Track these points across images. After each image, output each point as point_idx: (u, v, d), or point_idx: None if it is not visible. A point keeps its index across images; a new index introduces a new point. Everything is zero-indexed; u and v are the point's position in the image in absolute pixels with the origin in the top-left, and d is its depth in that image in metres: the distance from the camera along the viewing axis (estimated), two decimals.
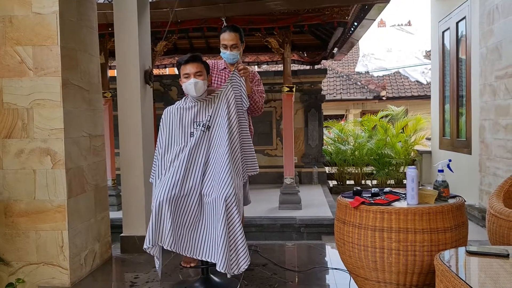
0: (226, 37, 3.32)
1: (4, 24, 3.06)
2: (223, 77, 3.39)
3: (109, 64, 8.03)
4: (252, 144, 3.10)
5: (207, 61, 3.22)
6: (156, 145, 2.96)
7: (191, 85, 2.88)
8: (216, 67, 3.43)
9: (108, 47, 7.49)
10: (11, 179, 3.10)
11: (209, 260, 2.70)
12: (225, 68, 3.43)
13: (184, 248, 2.72)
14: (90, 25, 3.54)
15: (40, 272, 3.12)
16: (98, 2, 5.91)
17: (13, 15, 3.06)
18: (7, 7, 3.06)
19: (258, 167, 3.09)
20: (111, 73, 8.15)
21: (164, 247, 2.68)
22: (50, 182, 3.09)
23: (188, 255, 2.75)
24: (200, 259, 2.77)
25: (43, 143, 3.09)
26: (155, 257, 2.80)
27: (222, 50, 3.35)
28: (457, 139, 7.05)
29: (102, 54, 7.20)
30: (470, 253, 2.03)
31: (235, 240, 2.67)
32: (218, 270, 2.61)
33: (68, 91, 3.16)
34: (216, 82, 3.40)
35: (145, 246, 2.68)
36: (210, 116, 2.92)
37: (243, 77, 3.11)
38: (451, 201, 2.52)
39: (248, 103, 3.10)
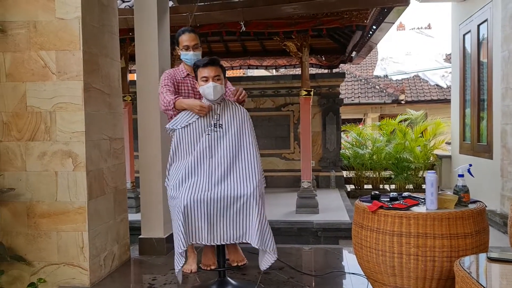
0: (187, 38, 3.20)
1: (28, 29, 3.14)
2: (189, 85, 3.24)
3: (129, 68, 8.13)
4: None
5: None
6: (171, 148, 2.97)
7: (209, 88, 2.88)
8: (178, 76, 3.26)
9: (129, 51, 7.61)
10: (33, 181, 3.17)
11: (243, 240, 2.79)
12: (188, 75, 3.29)
13: (219, 238, 2.78)
14: (111, 30, 3.60)
15: (61, 272, 3.18)
16: (119, 7, 6.00)
17: (37, 21, 3.13)
18: (32, 13, 3.13)
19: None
20: (131, 77, 8.26)
21: (204, 243, 2.77)
22: (71, 184, 3.15)
23: (224, 243, 2.82)
24: (235, 242, 2.84)
25: (65, 146, 3.15)
26: (182, 258, 2.78)
27: (183, 52, 3.21)
28: (477, 143, 6.93)
29: (122, 58, 7.30)
30: (491, 259, 2.00)
31: (267, 224, 2.78)
32: (253, 246, 2.73)
33: (90, 95, 3.22)
34: (183, 91, 3.25)
35: (180, 250, 2.72)
36: (219, 115, 2.93)
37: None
38: (471, 206, 2.49)
39: None
